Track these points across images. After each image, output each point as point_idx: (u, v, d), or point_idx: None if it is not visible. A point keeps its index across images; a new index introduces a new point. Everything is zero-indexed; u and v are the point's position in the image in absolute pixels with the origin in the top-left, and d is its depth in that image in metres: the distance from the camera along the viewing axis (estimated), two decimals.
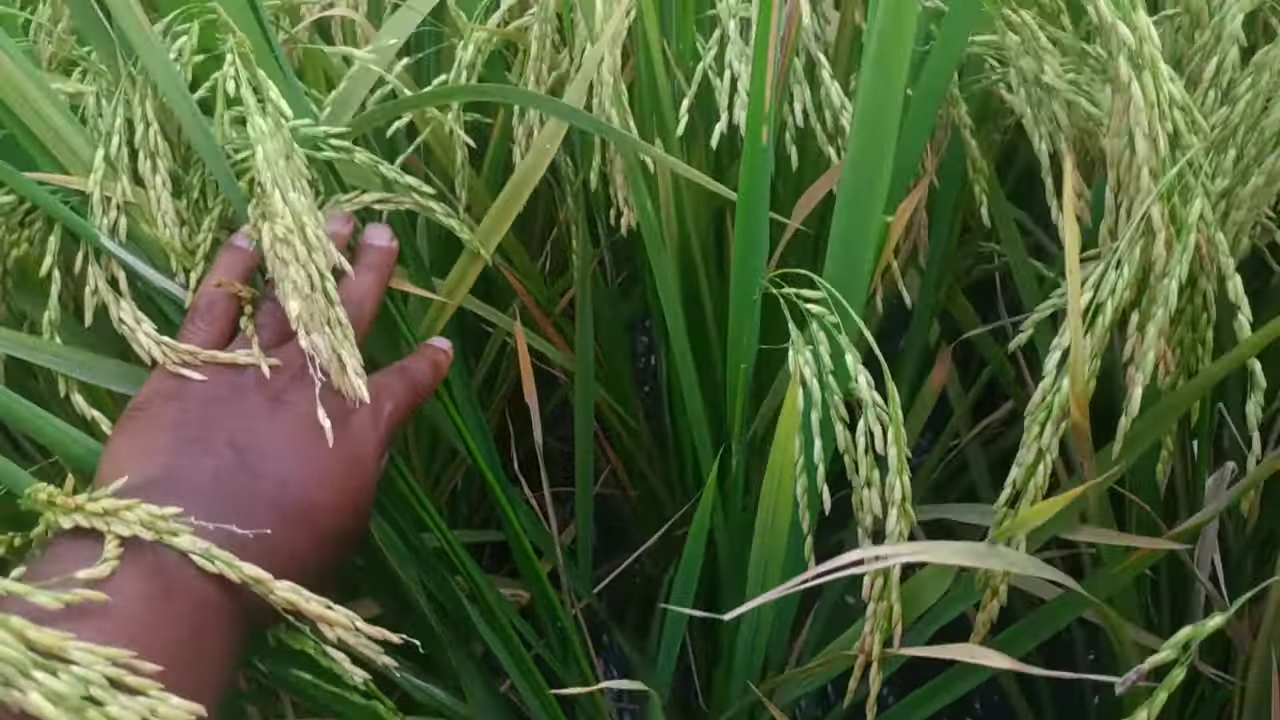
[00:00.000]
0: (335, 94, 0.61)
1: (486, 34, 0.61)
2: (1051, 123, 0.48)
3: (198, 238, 0.57)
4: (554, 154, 0.59)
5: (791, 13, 0.48)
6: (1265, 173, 0.47)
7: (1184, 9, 0.53)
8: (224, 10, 0.56)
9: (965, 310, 0.74)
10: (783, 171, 0.57)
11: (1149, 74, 0.42)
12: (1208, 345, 0.48)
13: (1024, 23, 0.46)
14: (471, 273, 0.64)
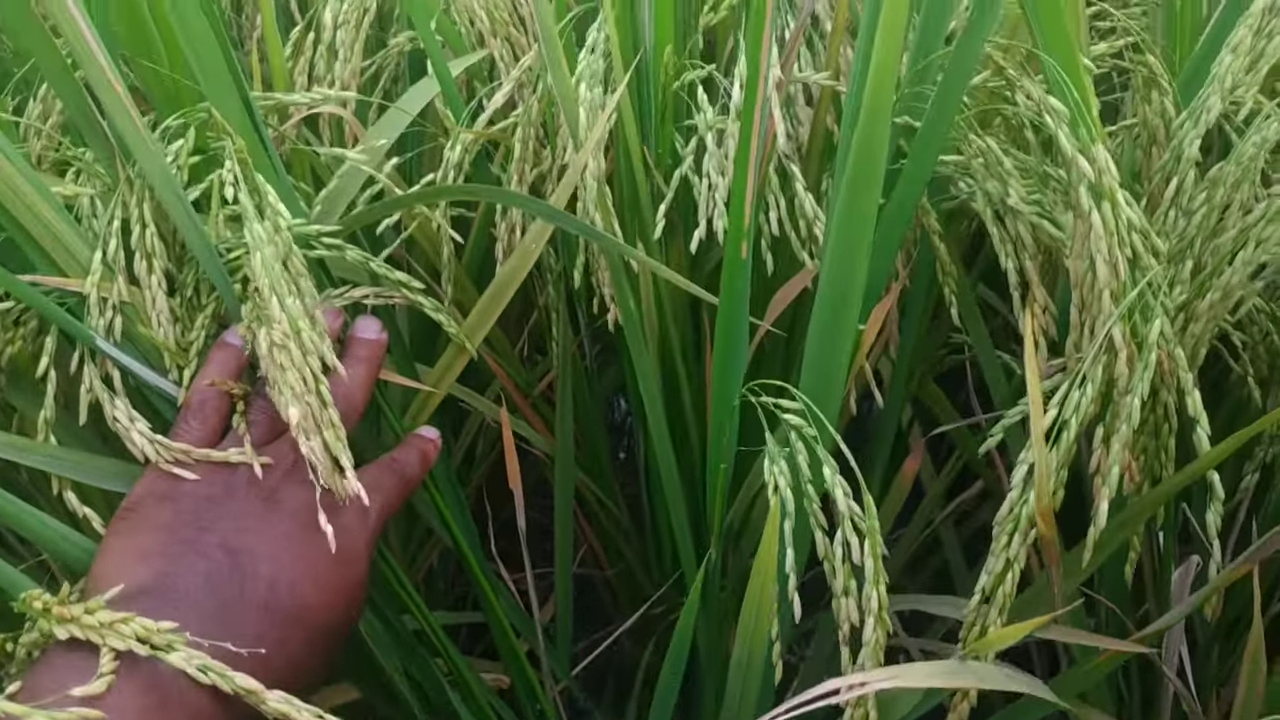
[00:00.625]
0: (326, 192, 0.62)
1: (473, 136, 0.63)
2: (1017, 241, 0.50)
3: (191, 335, 0.58)
4: (538, 253, 0.61)
5: (769, 132, 0.50)
6: (1221, 289, 0.50)
7: (1141, 123, 0.56)
8: (219, 114, 0.57)
9: (938, 397, 0.76)
10: (758, 274, 0.59)
11: (1108, 203, 0.44)
12: (1170, 453, 0.50)
13: (988, 148, 0.48)
14: (457, 364, 0.65)
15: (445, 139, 0.64)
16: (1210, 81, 0.50)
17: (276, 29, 0.65)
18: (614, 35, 0.56)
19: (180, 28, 0.55)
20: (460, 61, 0.67)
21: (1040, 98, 0.46)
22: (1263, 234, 0.49)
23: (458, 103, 0.64)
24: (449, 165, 0.63)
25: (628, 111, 0.59)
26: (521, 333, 0.82)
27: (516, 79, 0.64)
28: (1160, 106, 0.55)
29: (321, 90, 0.63)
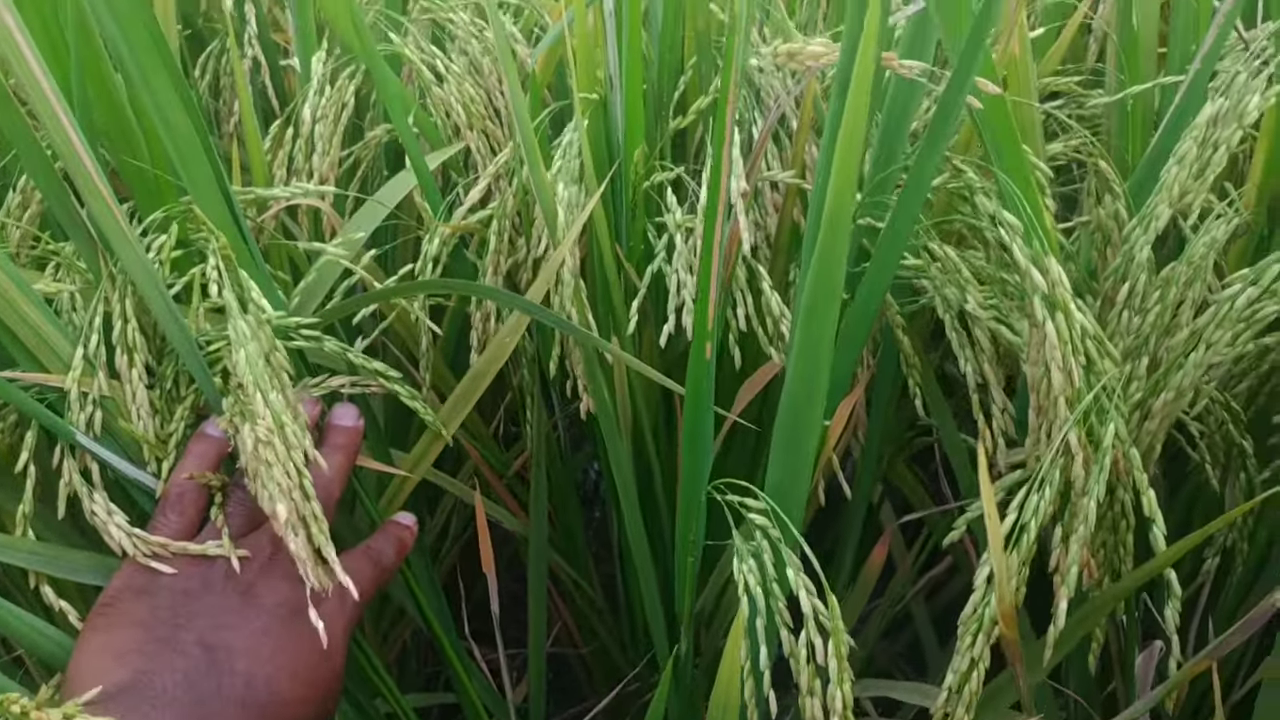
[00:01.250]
0: (304, 284, 0.63)
1: (450, 229, 0.64)
2: (976, 345, 0.52)
3: (170, 427, 0.59)
4: (514, 345, 0.62)
5: (733, 234, 0.52)
6: (1174, 389, 0.51)
7: (1096, 225, 0.58)
8: (201, 210, 0.59)
9: (906, 478, 0.78)
10: (727, 367, 0.60)
11: (1061, 314, 0.46)
12: (1129, 548, 0.51)
13: (946, 255, 0.50)
14: (432, 451, 0.66)
15: (423, 231, 0.66)
16: (1158, 189, 0.52)
17: (255, 123, 0.67)
18: (585, 143, 0.58)
19: (162, 124, 0.56)
20: (437, 155, 0.69)
21: (994, 211, 0.48)
22: (1212, 337, 0.51)
23: (435, 196, 0.66)
24: (426, 258, 0.64)
25: (599, 211, 0.61)
26: (497, 410, 0.83)
27: (492, 174, 0.65)
28: (1113, 209, 0.57)
29: (300, 185, 0.64)
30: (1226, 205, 0.59)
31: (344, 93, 0.69)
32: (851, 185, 0.40)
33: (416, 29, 0.78)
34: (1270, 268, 0.50)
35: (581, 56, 0.61)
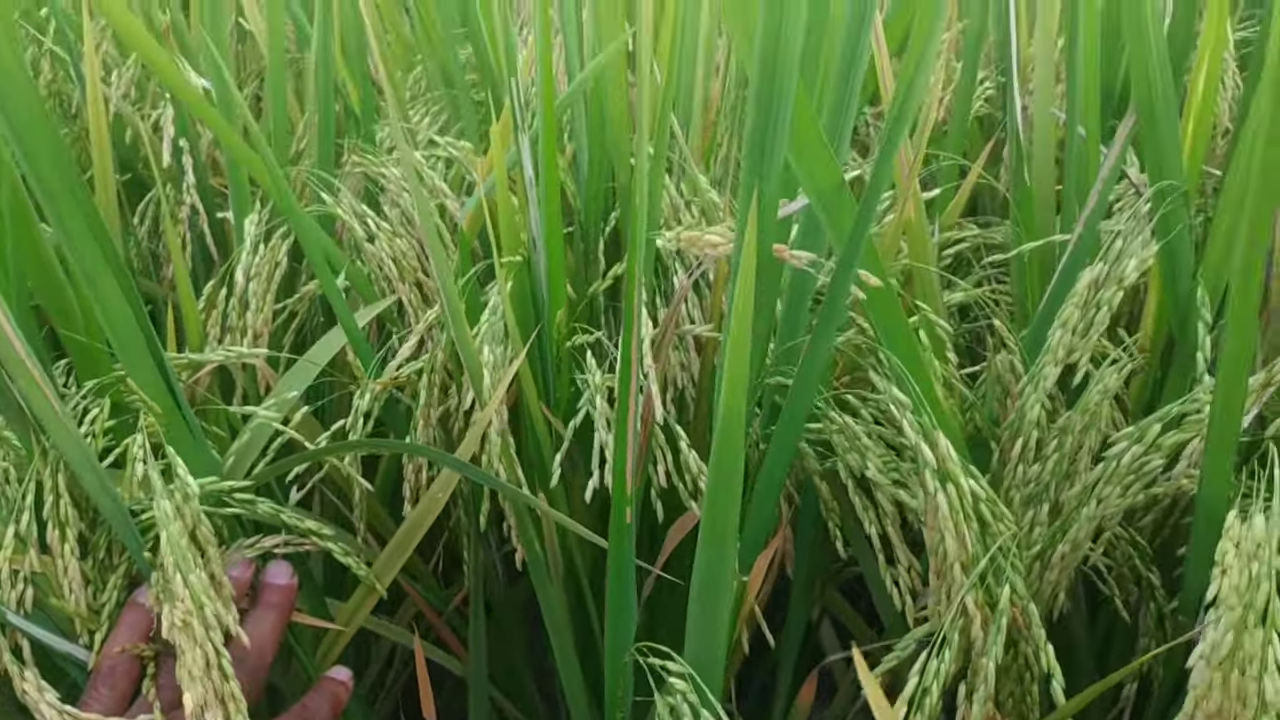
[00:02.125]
0: (237, 445, 0.65)
1: (381, 385, 0.66)
2: (879, 508, 0.54)
3: (103, 597, 0.59)
4: (445, 500, 0.64)
5: (646, 405, 0.54)
6: (1070, 541, 0.54)
7: (995, 378, 0.61)
8: (134, 379, 0.60)
9: (840, 604, 0.80)
10: (649, 519, 0.62)
11: (952, 485, 0.48)
12: (1035, 698, 0.53)
13: (846, 424, 0.53)
14: (368, 603, 0.67)
15: (355, 387, 0.67)
16: (1045, 350, 0.55)
17: (190, 287, 0.69)
18: (507, 306, 0.60)
19: (94, 295, 0.58)
20: (368, 310, 0.71)
21: (885, 389, 0.51)
22: (1103, 493, 0.53)
23: (366, 353, 0.68)
24: (358, 413, 0.66)
25: (525, 368, 0.63)
26: (436, 547, 0.84)
27: (422, 329, 0.67)
28: (1009, 362, 0.60)
29: (235, 348, 0.66)
30: (1121, 350, 0.62)
31: (277, 251, 0.71)
32: (742, 386, 0.42)
33: (350, 183, 0.81)
34: (1151, 427, 0.53)
35: (504, 221, 0.64)
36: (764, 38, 0.43)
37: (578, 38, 0.70)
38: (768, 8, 0.44)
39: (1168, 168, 0.56)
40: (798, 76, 0.44)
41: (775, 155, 0.46)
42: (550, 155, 0.59)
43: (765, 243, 0.48)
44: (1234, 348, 0.46)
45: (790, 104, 0.45)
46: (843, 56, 0.50)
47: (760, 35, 0.43)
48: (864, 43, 0.49)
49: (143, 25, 0.62)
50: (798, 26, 0.43)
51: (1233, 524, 0.45)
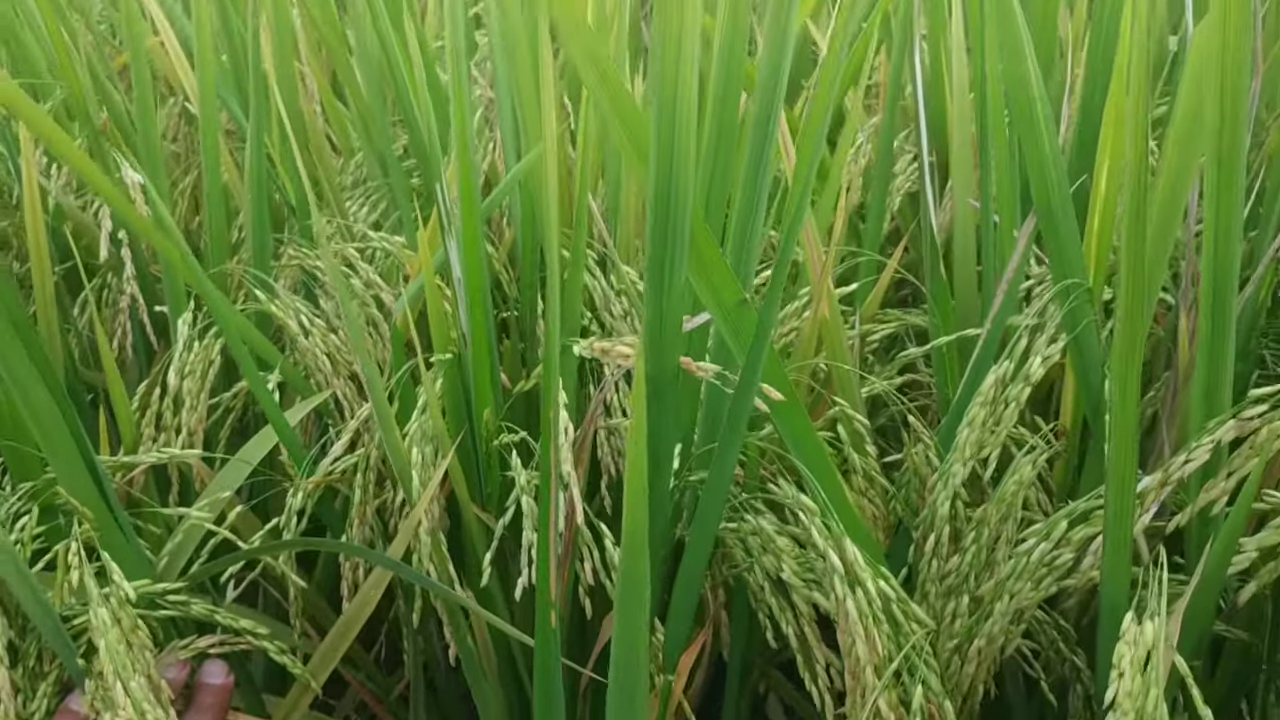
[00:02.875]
0: (170, 545, 0.65)
1: (314, 483, 0.67)
2: (795, 608, 0.55)
3: (33, 705, 0.59)
4: (379, 597, 0.65)
5: (569, 512, 0.55)
6: (985, 635, 0.55)
7: (912, 470, 0.62)
8: (65, 485, 0.61)
9: (781, 683, 0.80)
10: (578, 620, 0.63)
11: (860, 590, 0.49)
12: None
13: (760, 528, 0.54)
14: (305, 699, 0.68)
15: (288, 485, 0.68)
16: (954, 449, 0.57)
17: (123, 389, 0.69)
18: (434, 407, 0.61)
19: (23, 402, 0.58)
20: (300, 408, 0.71)
21: (793, 495, 0.52)
22: (1015, 589, 0.54)
23: (298, 452, 0.68)
24: (291, 512, 0.67)
25: (455, 465, 0.64)
26: (378, 635, 0.85)
27: (354, 427, 0.68)
28: (924, 455, 0.61)
29: (168, 450, 0.66)
30: (1038, 437, 0.64)
31: (210, 350, 0.72)
32: (641, 506, 0.44)
33: (289, 274, 0.82)
34: (1059, 523, 0.55)
35: (434, 320, 0.65)
36: (658, 159, 0.45)
37: (513, 122, 0.72)
38: (660, 125, 0.45)
39: (1070, 265, 0.58)
40: (693, 196, 0.46)
41: (676, 273, 0.47)
42: (473, 262, 0.60)
43: (672, 355, 0.50)
44: (1118, 456, 0.48)
45: (687, 223, 0.46)
46: (750, 159, 0.51)
47: (654, 156, 0.45)
48: (770, 143, 0.50)
49: (68, 137, 0.63)
50: (689, 145, 0.45)
51: (1129, 626, 0.47)
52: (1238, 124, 0.45)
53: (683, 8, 0.41)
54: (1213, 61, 0.44)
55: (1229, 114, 0.45)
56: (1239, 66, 0.44)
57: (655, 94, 0.43)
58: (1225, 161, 0.46)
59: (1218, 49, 0.44)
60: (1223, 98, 0.45)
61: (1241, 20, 0.43)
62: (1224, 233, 0.47)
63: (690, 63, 0.43)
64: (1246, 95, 0.44)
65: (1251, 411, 0.50)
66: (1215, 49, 0.44)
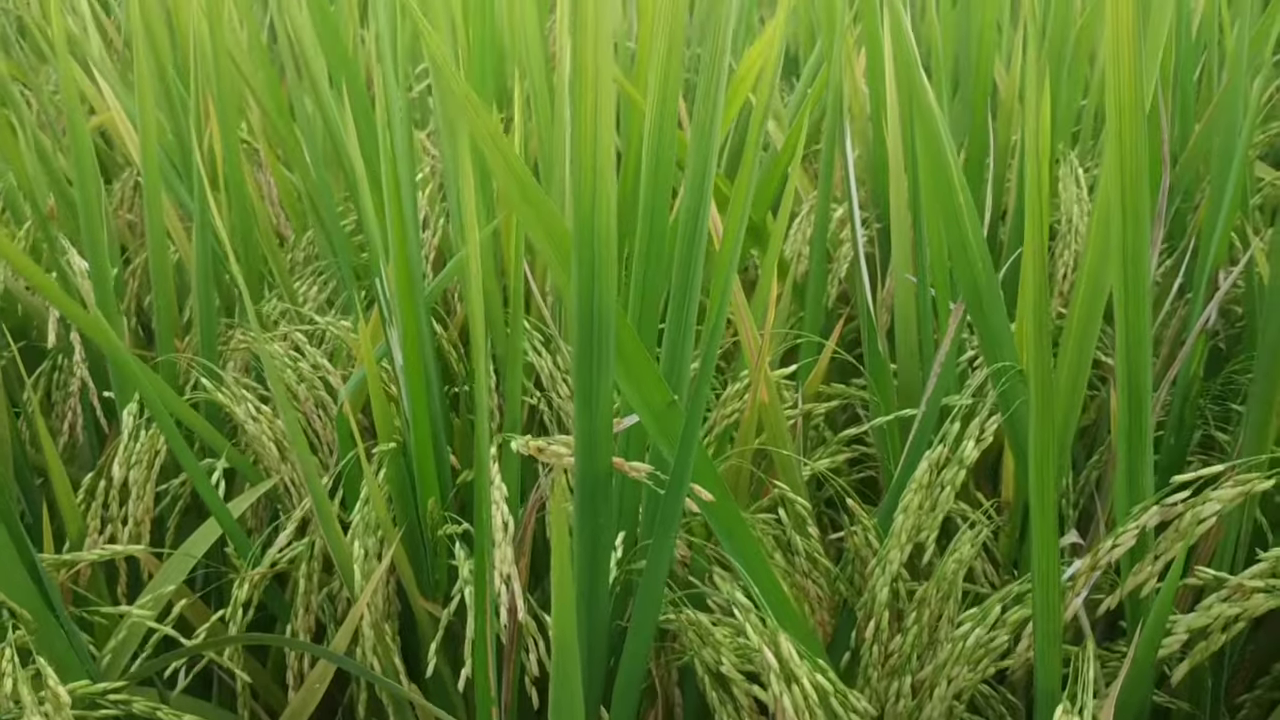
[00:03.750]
0: (113, 643, 0.65)
1: (260, 574, 0.67)
2: (735, 701, 0.55)
3: None
4: (324, 689, 0.64)
5: (510, 608, 0.55)
6: (927, 719, 0.55)
7: (853, 552, 0.62)
8: (3, 592, 0.60)
9: None
10: (525, 709, 0.63)
11: (797, 686, 0.50)
12: None
13: (698, 620, 0.54)
14: None
15: (234, 576, 0.68)
16: (891, 535, 0.57)
17: (68, 483, 0.69)
18: (376, 499, 0.61)
19: None
20: (245, 497, 0.71)
21: (729, 592, 0.52)
22: (953, 673, 0.55)
23: (242, 543, 0.68)
24: (236, 604, 0.66)
25: (402, 556, 0.64)
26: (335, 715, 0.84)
27: (299, 517, 0.68)
28: (864, 538, 0.62)
29: (110, 547, 0.66)
30: (980, 513, 0.64)
31: (156, 440, 0.71)
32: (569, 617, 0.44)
33: (239, 357, 0.82)
34: (994, 607, 0.55)
35: (378, 411, 0.65)
36: (579, 272, 0.45)
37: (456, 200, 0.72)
38: (579, 239, 0.46)
39: (1001, 348, 0.59)
40: (614, 304, 0.46)
41: (603, 379, 0.48)
42: (413, 355, 0.61)
43: (604, 456, 0.50)
44: (1040, 556, 0.48)
45: (611, 331, 0.47)
46: (680, 258, 0.52)
47: (575, 269, 0.45)
48: (699, 243, 0.51)
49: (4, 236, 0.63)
50: (609, 257, 0.45)
51: (1060, 718, 0.47)
52: (1140, 266, 0.47)
53: (596, 122, 0.42)
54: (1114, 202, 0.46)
55: (1131, 256, 0.47)
56: (1139, 218, 0.46)
57: (573, 210, 0.44)
58: (1130, 288, 0.47)
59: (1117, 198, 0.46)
60: (1125, 247, 0.46)
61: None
62: (1135, 342, 0.49)
63: (607, 176, 0.44)
64: (1147, 240, 0.46)
65: (1174, 498, 0.51)
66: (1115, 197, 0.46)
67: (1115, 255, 0.47)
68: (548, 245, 0.46)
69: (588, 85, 0.42)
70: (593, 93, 0.42)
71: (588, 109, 0.42)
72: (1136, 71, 0.42)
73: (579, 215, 0.44)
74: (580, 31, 0.42)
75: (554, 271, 0.48)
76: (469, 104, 0.45)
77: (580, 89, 0.42)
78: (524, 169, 0.45)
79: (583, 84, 0.42)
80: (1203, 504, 0.50)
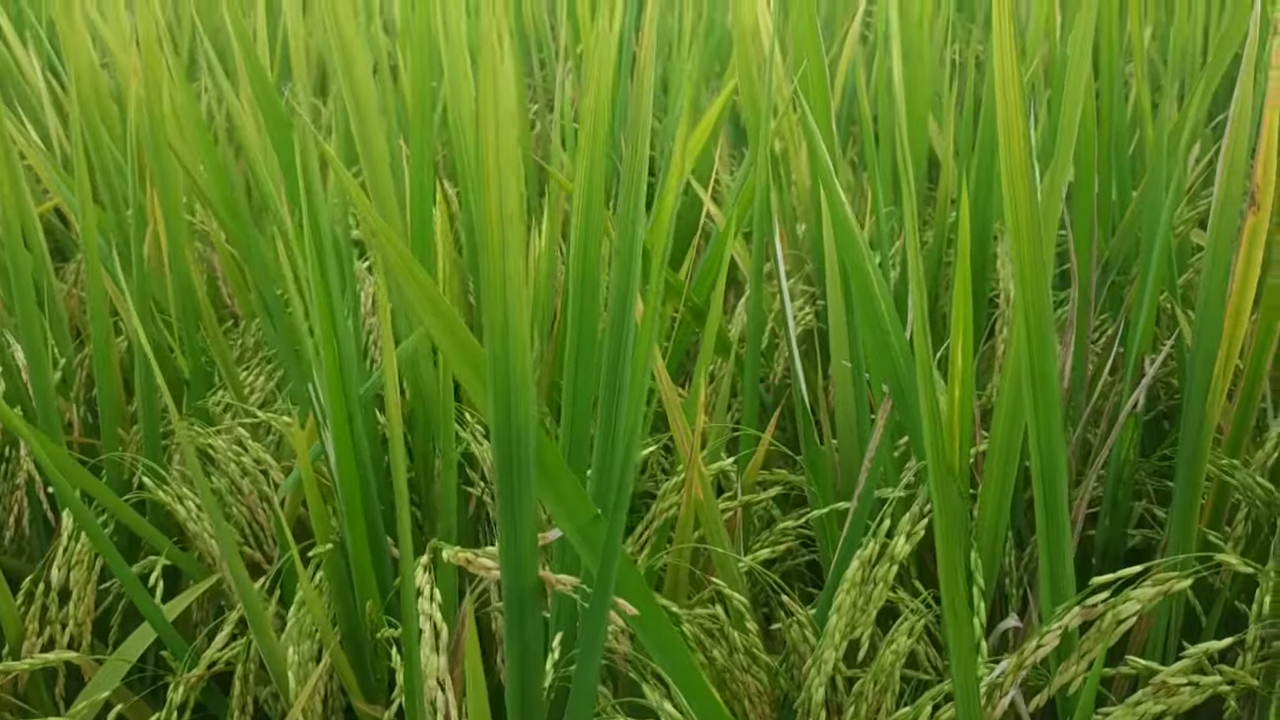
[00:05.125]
0: None
1: (197, 675, 0.66)
2: None
3: None
4: None
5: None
6: None
7: (791, 647, 0.63)
8: None
9: None
10: None
11: None
12: None
13: None
14: None
15: (171, 679, 0.67)
16: (825, 635, 0.58)
17: (6, 587, 0.69)
18: (311, 604, 0.61)
19: None
20: (186, 595, 0.71)
21: (658, 703, 0.52)
22: None
23: (178, 646, 0.68)
24: (171, 707, 0.66)
25: (341, 657, 0.64)
26: None
27: (236, 619, 0.68)
28: (801, 634, 0.62)
29: (43, 656, 0.66)
30: (920, 601, 0.65)
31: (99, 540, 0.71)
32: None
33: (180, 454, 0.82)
34: (925, 705, 0.55)
35: (314, 513, 0.65)
36: (495, 396, 0.46)
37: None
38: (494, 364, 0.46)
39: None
40: (533, 423, 0.47)
41: (525, 495, 0.48)
42: (346, 461, 0.61)
43: (530, 570, 0.50)
44: (958, 659, 0.49)
45: (531, 450, 0.47)
46: (607, 368, 0.52)
47: (491, 394, 0.46)
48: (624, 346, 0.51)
49: None
50: (526, 379, 0.46)
51: None
52: (1049, 386, 0.48)
53: (505, 246, 0.43)
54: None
55: (1039, 375, 0.48)
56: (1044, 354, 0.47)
57: (486, 338, 0.44)
58: (1040, 404, 0.48)
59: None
60: (1033, 369, 0.47)
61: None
62: (1049, 458, 0.49)
63: (518, 303, 0.44)
64: (1054, 365, 0.47)
65: (1095, 599, 0.51)
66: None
67: (1025, 375, 0.47)
68: (465, 371, 0.47)
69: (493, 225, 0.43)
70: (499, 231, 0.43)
71: (495, 241, 0.43)
72: (1030, 195, 0.42)
73: (491, 343, 0.44)
74: (483, 184, 0.42)
75: (473, 394, 0.48)
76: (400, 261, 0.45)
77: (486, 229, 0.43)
78: (436, 290, 0.45)
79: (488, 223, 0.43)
80: (1123, 603, 0.51)
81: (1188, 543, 0.60)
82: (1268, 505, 0.62)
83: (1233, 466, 0.63)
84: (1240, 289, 0.54)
